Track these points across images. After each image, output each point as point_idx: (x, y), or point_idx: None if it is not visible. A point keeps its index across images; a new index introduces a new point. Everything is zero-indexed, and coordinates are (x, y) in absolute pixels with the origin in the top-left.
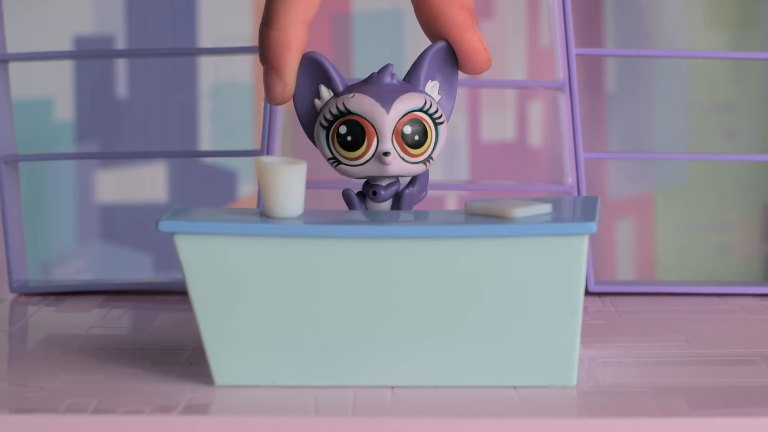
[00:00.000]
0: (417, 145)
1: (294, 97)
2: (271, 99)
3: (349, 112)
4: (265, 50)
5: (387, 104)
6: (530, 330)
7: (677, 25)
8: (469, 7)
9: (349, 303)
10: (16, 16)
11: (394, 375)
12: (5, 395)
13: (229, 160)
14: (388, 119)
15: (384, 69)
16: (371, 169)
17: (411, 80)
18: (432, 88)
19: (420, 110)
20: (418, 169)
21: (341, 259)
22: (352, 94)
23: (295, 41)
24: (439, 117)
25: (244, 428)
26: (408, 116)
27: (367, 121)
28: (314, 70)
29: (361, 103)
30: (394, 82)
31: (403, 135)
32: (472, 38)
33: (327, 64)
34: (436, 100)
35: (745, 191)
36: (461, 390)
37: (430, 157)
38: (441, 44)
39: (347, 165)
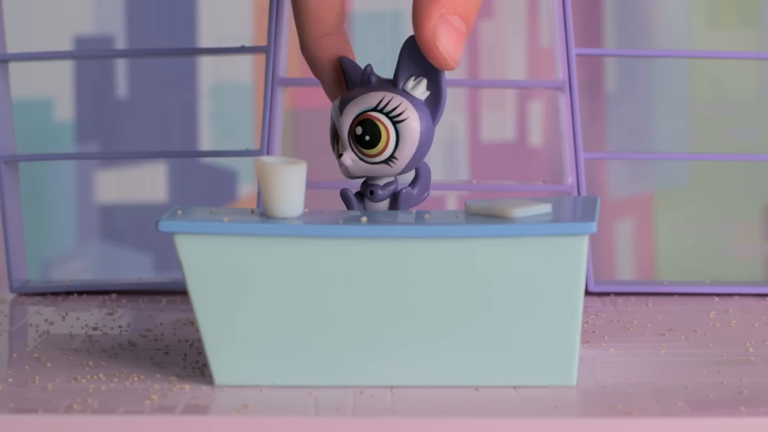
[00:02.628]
0: (368, 145)
1: None
2: None
3: (331, 116)
4: (309, 68)
5: (342, 107)
6: (530, 330)
7: (677, 25)
8: (444, 0)
9: (349, 303)
10: (16, 16)
11: (395, 375)
12: (5, 395)
13: (229, 160)
14: (342, 122)
15: (362, 72)
16: (343, 170)
17: (394, 79)
18: (416, 84)
19: (374, 110)
20: (381, 169)
21: (341, 259)
22: (338, 98)
23: (319, 55)
24: (398, 115)
25: (244, 428)
26: (361, 117)
27: (335, 124)
28: (343, 74)
29: (334, 107)
30: (371, 82)
31: (355, 136)
32: (424, 31)
33: (346, 69)
34: (423, 97)
35: (745, 191)
36: (461, 390)
37: (392, 156)
38: (408, 39)
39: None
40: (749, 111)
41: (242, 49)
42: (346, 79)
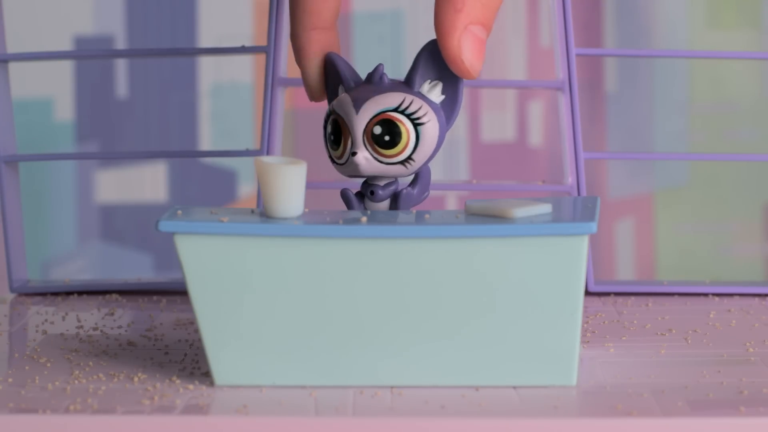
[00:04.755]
0: (387, 145)
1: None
2: (309, 99)
3: (334, 112)
4: (295, 57)
5: (359, 105)
6: (530, 330)
7: (677, 25)
8: (467, 11)
9: (349, 303)
10: (16, 16)
11: (395, 375)
12: (5, 395)
13: (229, 160)
14: (357, 119)
15: (374, 69)
16: (350, 169)
17: (408, 81)
18: (432, 88)
19: (395, 110)
20: (396, 170)
21: (341, 259)
22: (342, 94)
23: (308, 48)
24: (419, 117)
25: (244, 428)
26: (380, 116)
27: (344, 120)
28: (331, 70)
29: (342, 104)
30: (384, 82)
31: (373, 135)
32: (450, 44)
33: (338, 65)
34: (438, 100)
35: (745, 191)
36: (461, 390)
37: (409, 158)
38: (429, 43)
39: (336, 164)
40: (749, 111)
41: (242, 49)
42: (337, 75)
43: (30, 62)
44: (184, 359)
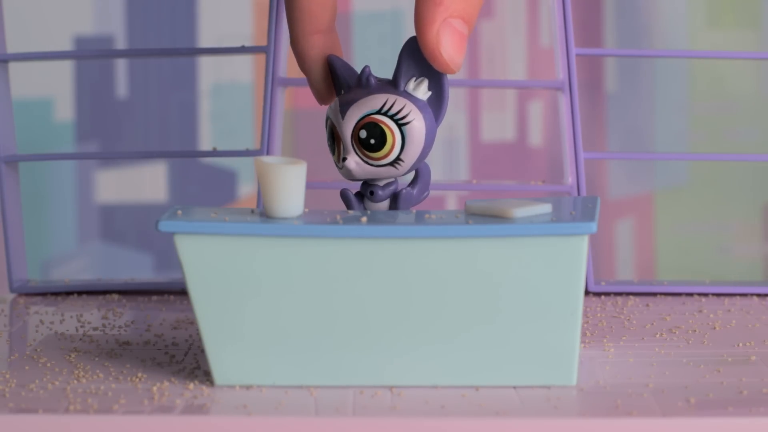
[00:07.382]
0: (374, 148)
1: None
2: (318, 103)
3: (328, 117)
4: (297, 63)
5: (344, 110)
6: (530, 330)
7: (677, 25)
8: (447, 4)
9: (348, 303)
10: (16, 16)
11: (394, 375)
12: (5, 395)
13: (229, 160)
14: (344, 125)
15: (361, 72)
16: (345, 172)
17: (394, 81)
18: (417, 85)
19: (378, 113)
20: (387, 171)
21: (341, 259)
22: (335, 99)
23: (309, 51)
24: (403, 117)
25: (244, 428)
26: (364, 120)
27: (335, 126)
28: (332, 72)
29: (333, 109)
30: (370, 84)
31: (360, 139)
32: (428, 37)
33: (337, 67)
34: (424, 98)
35: (745, 191)
36: (461, 390)
37: (398, 159)
38: (409, 40)
39: (337, 167)
40: (749, 111)
41: (242, 49)
42: (337, 78)
43: (30, 62)
44: (184, 359)
